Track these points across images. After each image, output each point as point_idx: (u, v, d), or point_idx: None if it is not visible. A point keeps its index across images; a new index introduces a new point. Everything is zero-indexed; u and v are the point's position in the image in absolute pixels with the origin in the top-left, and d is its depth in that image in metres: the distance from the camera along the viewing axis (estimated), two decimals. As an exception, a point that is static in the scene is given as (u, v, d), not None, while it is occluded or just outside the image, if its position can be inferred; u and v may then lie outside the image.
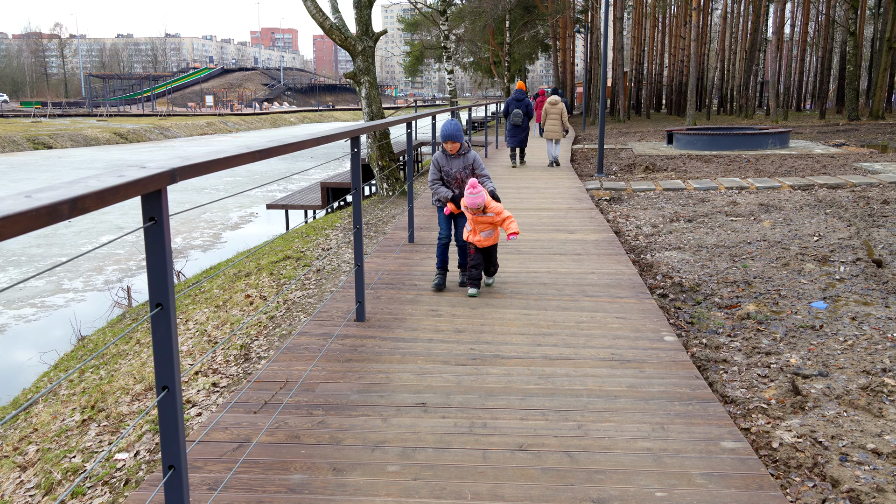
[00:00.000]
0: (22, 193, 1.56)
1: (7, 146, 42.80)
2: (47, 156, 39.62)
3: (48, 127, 52.09)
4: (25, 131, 47.77)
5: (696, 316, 5.56)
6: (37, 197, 1.53)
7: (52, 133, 47.50)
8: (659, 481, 2.92)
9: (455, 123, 5.61)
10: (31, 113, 66.48)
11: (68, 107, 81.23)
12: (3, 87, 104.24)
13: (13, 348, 9.33)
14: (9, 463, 4.75)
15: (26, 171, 30.98)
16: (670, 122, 38.33)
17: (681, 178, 13.71)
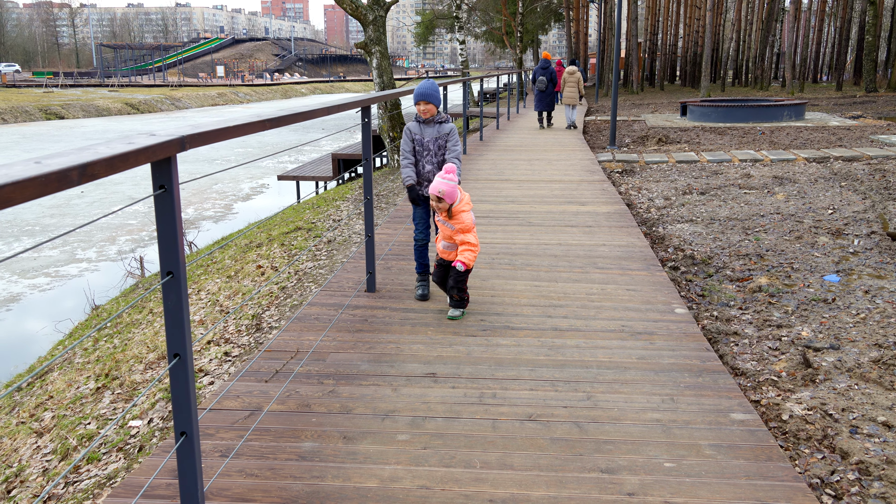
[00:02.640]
0: (31, 159, 1.55)
1: (19, 116, 42.90)
2: (59, 126, 39.70)
3: (60, 97, 52.13)
4: (38, 101, 47.84)
5: (708, 288, 5.54)
6: (46, 163, 1.53)
7: (63, 103, 47.55)
8: (668, 452, 2.92)
9: (432, 83, 4.80)
10: (42, 83, 66.51)
11: (80, 77, 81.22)
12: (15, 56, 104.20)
13: (28, 317, 9.43)
14: (25, 429, 4.83)
15: (38, 141, 31.08)
16: (684, 93, 37.90)
17: (694, 150, 13.59)
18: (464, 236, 4.36)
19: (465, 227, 4.34)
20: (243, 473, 2.81)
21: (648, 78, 47.69)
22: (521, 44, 39.91)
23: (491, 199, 8.29)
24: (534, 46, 53.22)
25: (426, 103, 4.71)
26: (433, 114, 4.75)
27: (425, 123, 4.76)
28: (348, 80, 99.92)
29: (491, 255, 5.91)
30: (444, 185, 4.23)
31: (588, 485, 2.70)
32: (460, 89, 25.60)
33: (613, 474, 2.77)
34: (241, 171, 22.27)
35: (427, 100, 4.71)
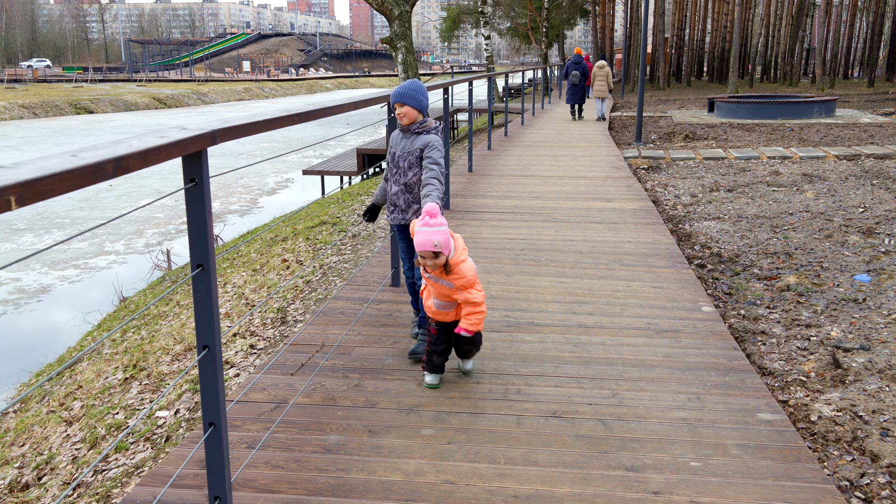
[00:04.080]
0: (67, 153, 1.58)
1: (50, 111, 43.55)
2: (89, 120, 40.25)
3: (89, 92, 52.84)
4: (67, 96, 48.51)
5: (735, 287, 5.48)
6: (82, 156, 1.55)
7: (93, 98, 48.18)
8: (694, 451, 2.90)
9: (414, 82, 3.85)
10: (72, 78, 67.45)
11: (109, 72, 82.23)
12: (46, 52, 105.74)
13: (58, 308, 9.59)
14: (55, 417, 4.91)
15: (68, 135, 31.53)
16: (711, 89, 37.49)
17: (721, 146, 13.44)
18: (467, 294, 3.30)
19: (468, 281, 3.28)
20: (269, 465, 2.83)
21: (675, 74, 47.23)
22: (546, 39, 39.71)
23: (516, 194, 8.27)
24: (559, 42, 52.94)
25: (401, 105, 3.79)
26: (412, 120, 3.80)
27: (403, 133, 3.89)
28: (373, 75, 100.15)
29: (516, 251, 5.90)
30: (437, 235, 3.16)
31: (613, 482, 2.69)
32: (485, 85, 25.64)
33: (639, 472, 2.76)
34: (266, 165, 22.43)
35: (402, 101, 3.77)
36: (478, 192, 8.47)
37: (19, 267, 11.34)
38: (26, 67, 70.76)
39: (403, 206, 3.88)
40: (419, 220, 3.25)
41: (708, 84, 45.57)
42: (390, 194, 3.93)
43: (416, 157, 3.79)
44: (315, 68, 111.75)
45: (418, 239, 3.18)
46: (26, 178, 1.28)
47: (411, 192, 3.85)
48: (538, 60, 41.51)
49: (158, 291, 8.37)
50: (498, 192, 8.41)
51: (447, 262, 3.23)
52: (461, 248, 3.30)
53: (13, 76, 61.28)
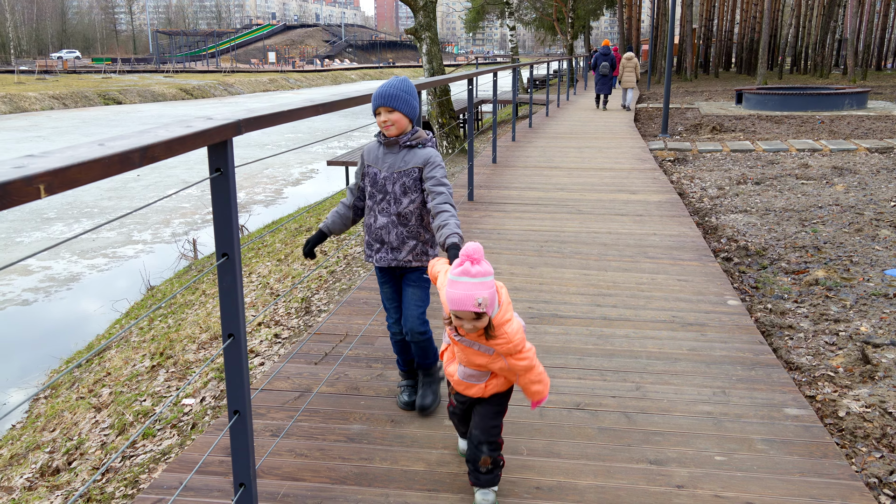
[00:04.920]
0: (95, 142, 1.59)
1: (80, 101, 44.13)
2: (117, 111, 40.73)
3: (118, 83, 53.45)
4: (96, 87, 49.12)
5: (762, 281, 5.42)
6: (109, 145, 1.56)
7: (121, 89, 48.74)
8: (718, 445, 2.88)
9: (403, 80, 2.94)
10: (101, 69, 68.27)
11: (136, 63, 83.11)
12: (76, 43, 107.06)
13: (87, 296, 9.73)
14: (85, 404, 4.99)
15: (97, 126, 31.93)
16: (740, 81, 36.98)
17: (749, 139, 13.27)
18: (515, 362, 2.34)
19: (515, 346, 2.30)
20: (293, 453, 2.86)
21: (702, 65, 46.66)
22: (572, 30, 39.40)
23: (540, 186, 8.23)
24: (585, 33, 52.50)
25: (389, 110, 2.86)
26: (402, 130, 2.90)
27: (388, 147, 2.96)
28: (398, 66, 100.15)
29: (539, 242, 5.88)
30: (482, 290, 2.21)
31: (636, 475, 2.68)
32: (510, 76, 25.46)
33: (662, 466, 2.74)
34: (291, 156, 22.55)
35: (392, 105, 2.84)
36: (502, 183, 8.45)
37: (49, 255, 11.53)
38: (56, 59, 71.71)
39: (396, 244, 2.98)
40: (455, 267, 2.24)
41: (736, 75, 44.98)
42: (375, 227, 3.00)
43: (413, 179, 2.92)
44: (340, 59, 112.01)
45: (455, 294, 2.20)
46: (55, 167, 1.30)
47: (406, 225, 2.97)
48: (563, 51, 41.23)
49: (185, 280, 8.46)
50: (522, 184, 8.38)
51: (490, 324, 2.26)
52: (507, 303, 2.31)
53: (44, 67, 62.14)
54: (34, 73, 57.14)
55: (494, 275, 2.34)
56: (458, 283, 2.21)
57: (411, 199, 2.95)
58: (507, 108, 21.93)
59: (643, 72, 39.26)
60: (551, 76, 25.97)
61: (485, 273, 2.22)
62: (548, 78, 18.11)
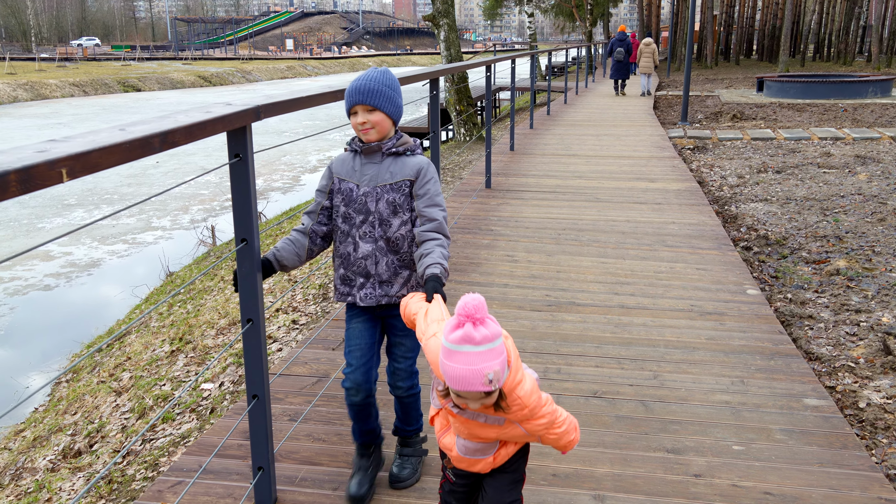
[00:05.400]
0: (116, 127, 1.60)
1: (99, 89, 44.42)
2: (136, 98, 40.97)
3: (137, 70, 53.74)
4: (116, 74, 49.42)
5: (782, 270, 5.37)
6: (130, 130, 1.57)
7: (140, 76, 49.00)
8: (736, 435, 2.86)
9: (384, 72, 2.32)
10: (121, 56, 68.64)
11: (155, 50, 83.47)
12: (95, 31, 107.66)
13: (107, 282, 9.83)
14: (105, 388, 5.05)
15: (117, 113, 32.15)
16: (761, 68, 36.53)
17: (770, 127, 13.12)
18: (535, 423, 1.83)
19: (532, 409, 1.80)
20: (311, 437, 2.87)
21: (723, 52, 46.12)
22: (590, 17, 39.07)
23: (558, 173, 8.20)
24: (604, 20, 52.02)
25: (369, 109, 2.27)
26: (384, 134, 2.33)
27: (366, 156, 2.36)
28: (415, 53, 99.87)
29: (557, 230, 5.86)
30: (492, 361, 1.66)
31: (653, 464, 2.67)
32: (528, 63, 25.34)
33: (680, 455, 2.73)
34: (308, 143, 22.60)
35: (371, 102, 2.26)
36: (519, 170, 8.42)
37: (70, 241, 11.66)
38: (76, 46, 72.17)
39: (386, 276, 2.36)
40: (451, 331, 1.66)
41: (757, 63, 44.44)
42: (356, 258, 2.37)
43: (403, 195, 2.32)
44: (357, 46, 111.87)
45: (456, 371, 1.64)
46: (77, 151, 1.31)
47: (398, 252, 2.35)
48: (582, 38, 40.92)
49: (203, 266, 8.53)
50: (540, 172, 8.35)
51: (500, 392, 1.73)
52: (515, 358, 1.75)
53: (64, 55, 62.58)
54: (55, 61, 57.57)
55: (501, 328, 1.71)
56: (459, 355, 1.63)
57: (402, 219, 2.32)
58: (525, 95, 21.82)
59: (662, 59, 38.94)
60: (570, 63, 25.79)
61: (492, 336, 1.64)
62: (566, 65, 17.97)
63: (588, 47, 24.66)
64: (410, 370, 2.54)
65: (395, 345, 2.51)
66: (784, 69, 30.33)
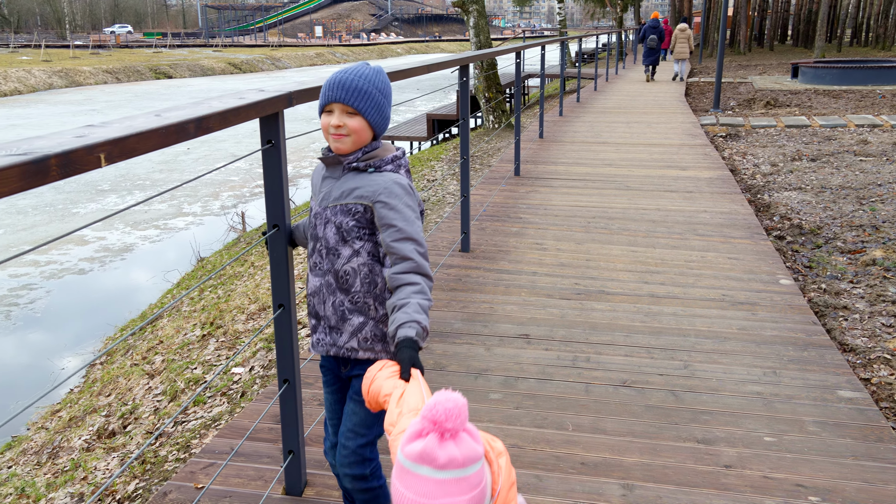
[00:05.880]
0: (152, 112, 1.62)
1: (132, 75, 44.94)
2: (167, 85, 41.38)
3: (168, 57, 54.23)
4: (148, 61, 49.93)
5: (816, 260, 5.28)
6: (165, 116, 1.59)
7: (171, 63, 49.45)
8: (768, 426, 2.83)
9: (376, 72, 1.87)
10: (152, 43, 69.29)
11: (186, 37, 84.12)
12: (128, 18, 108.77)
13: (140, 266, 9.98)
14: (139, 370, 5.14)
15: (149, 100, 32.51)
16: (796, 54, 35.82)
17: (805, 114, 12.87)
18: None
19: None
20: (340, 423, 2.90)
21: (757, 38, 45.29)
22: (621, 2, 38.57)
23: (587, 161, 8.13)
24: (635, 5, 51.36)
25: (349, 112, 1.82)
26: (360, 145, 1.86)
27: (327, 167, 1.93)
28: (443, 39, 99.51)
29: (586, 218, 5.82)
30: (461, 498, 1.12)
31: (683, 454, 2.66)
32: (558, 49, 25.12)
33: (710, 445, 2.71)
34: (337, 130, 22.65)
35: (353, 103, 1.81)
36: (548, 158, 8.37)
37: (104, 226, 11.84)
38: (109, 33, 73.03)
39: (334, 320, 1.93)
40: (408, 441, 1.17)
41: (792, 48, 43.58)
42: (307, 293, 2.02)
43: (356, 220, 1.85)
44: (386, 33, 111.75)
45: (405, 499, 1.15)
46: (114, 137, 1.32)
47: (348, 292, 1.90)
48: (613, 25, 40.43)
49: (234, 252, 8.61)
50: (569, 159, 8.29)
51: None
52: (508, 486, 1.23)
53: (97, 42, 63.36)
54: (88, 48, 58.31)
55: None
56: (413, 479, 1.13)
57: (354, 249, 1.86)
58: (555, 82, 21.65)
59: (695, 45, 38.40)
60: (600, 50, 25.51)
61: (464, 460, 1.12)
62: (596, 52, 17.82)
63: (618, 33, 24.37)
64: (362, 455, 1.92)
65: (347, 413, 1.96)
66: (820, 55, 29.70)
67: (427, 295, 1.73)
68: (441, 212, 6.85)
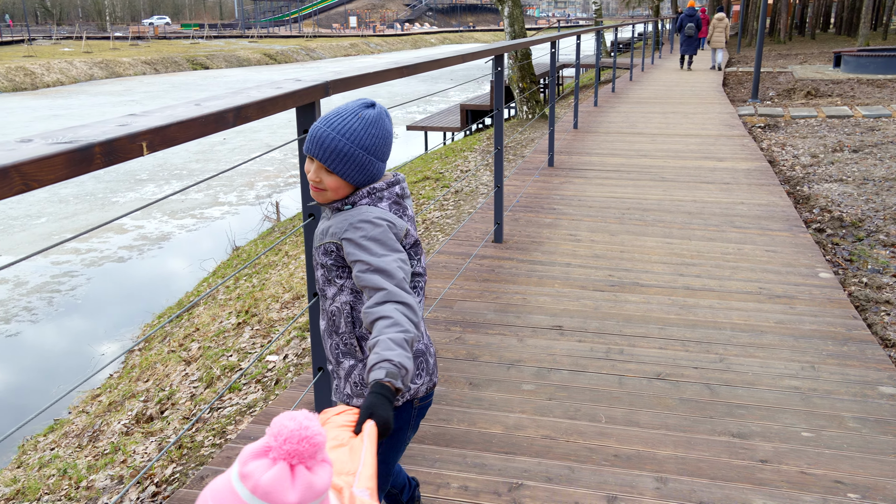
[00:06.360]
0: (192, 102, 1.64)
1: (170, 66, 45.55)
2: (204, 76, 41.86)
3: (205, 48, 54.84)
4: (185, 52, 50.55)
5: (857, 253, 5.17)
6: (205, 105, 1.61)
7: (208, 54, 50.00)
8: (806, 421, 2.79)
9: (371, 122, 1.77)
10: (189, 35, 70.11)
11: (223, 28, 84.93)
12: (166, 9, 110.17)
13: (177, 255, 10.15)
14: (176, 357, 5.23)
15: (186, 90, 32.93)
16: (839, 42, 35.00)
17: (848, 104, 12.58)
18: None
19: None
20: (373, 411, 2.92)
21: (798, 26, 44.35)
22: (658, -10, 37.99)
23: (622, 152, 8.05)
24: (672, -7, 50.56)
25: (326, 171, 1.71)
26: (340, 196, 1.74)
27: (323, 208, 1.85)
28: (477, 30, 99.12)
29: (621, 209, 5.77)
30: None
31: (718, 448, 2.63)
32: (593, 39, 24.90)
33: (745, 439, 2.68)
34: (371, 121, 22.71)
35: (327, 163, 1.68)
36: (583, 149, 8.30)
37: (142, 215, 12.05)
38: (148, 25, 74.05)
39: (334, 364, 1.89)
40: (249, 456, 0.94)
41: (835, 37, 42.58)
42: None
43: (332, 260, 1.76)
44: (420, 23, 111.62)
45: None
46: (156, 125, 1.35)
47: (338, 334, 1.84)
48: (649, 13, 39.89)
49: (268, 242, 8.71)
50: (604, 150, 8.22)
51: None
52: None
53: (136, 33, 64.29)
54: (128, 40, 59.20)
55: None
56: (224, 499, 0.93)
57: (337, 287, 1.79)
58: (590, 72, 21.45)
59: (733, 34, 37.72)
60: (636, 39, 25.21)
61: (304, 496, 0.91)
62: (632, 41, 17.58)
63: (655, 22, 24.04)
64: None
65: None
66: (864, 43, 28.96)
67: (402, 326, 1.52)
68: (474, 202, 6.84)
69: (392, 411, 1.36)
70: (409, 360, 1.45)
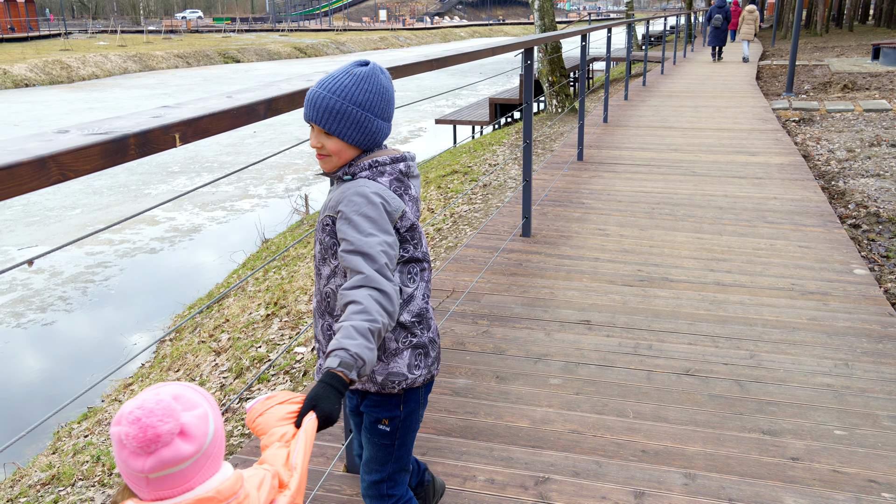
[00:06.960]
0: (224, 94, 1.66)
1: (202, 60, 46.03)
2: (235, 69, 42.25)
3: (236, 42, 55.32)
4: (217, 46, 51.04)
5: (894, 249, 5.07)
6: (237, 97, 1.62)
7: (239, 47, 50.45)
8: (839, 419, 2.74)
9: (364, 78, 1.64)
10: (221, 28, 70.74)
11: (254, 22, 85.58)
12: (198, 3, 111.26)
13: (207, 247, 10.27)
14: (206, 347, 5.30)
15: (218, 83, 33.25)
16: (878, 35, 34.23)
17: (886, 97, 12.31)
18: None
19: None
20: (400, 403, 2.93)
21: (835, 18, 43.47)
22: (691, -18, 37.48)
23: (653, 146, 7.97)
24: (705, -15, 49.86)
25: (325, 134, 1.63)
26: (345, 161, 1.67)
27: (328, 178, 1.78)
28: (507, 23, 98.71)
29: (651, 204, 5.71)
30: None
31: (748, 445, 2.60)
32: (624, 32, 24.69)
33: (776, 437, 2.64)
34: (399, 114, 22.78)
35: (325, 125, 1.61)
36: (613, 143, 8.23)
37: (174, 207, 12.21)
38: (181, 19, 74.90)
39: (325, 344, 1.80)
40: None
41: (873, 29, 41.67)
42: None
43: (329, 236, 1.69)
44: (450, 16, 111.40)
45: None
46: (189, 117, 1.36)
47: (332, 315, 1.78)
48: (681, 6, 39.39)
49: (297, 234, 8.77)
50: (634, 144, 8.14)
51: None
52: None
53: (169, 27, 65.08)
54: (161, 33, 59.94)
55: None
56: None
57: (332, 268, 1.72)
58: (620, 65, 21.25)
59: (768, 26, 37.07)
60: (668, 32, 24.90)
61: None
62: (664, 34, 17.40)
63: (687, 15, 23.73)
64: (379, 490, 1.87)
65: (363, 442, 1.91)
66: (902, 36, 28.29)
67: (370, 315, 1.44)
68: (502, 196, 6.83)
69: (339, 404, 1.30)
70: (370, 351, 1.39)
